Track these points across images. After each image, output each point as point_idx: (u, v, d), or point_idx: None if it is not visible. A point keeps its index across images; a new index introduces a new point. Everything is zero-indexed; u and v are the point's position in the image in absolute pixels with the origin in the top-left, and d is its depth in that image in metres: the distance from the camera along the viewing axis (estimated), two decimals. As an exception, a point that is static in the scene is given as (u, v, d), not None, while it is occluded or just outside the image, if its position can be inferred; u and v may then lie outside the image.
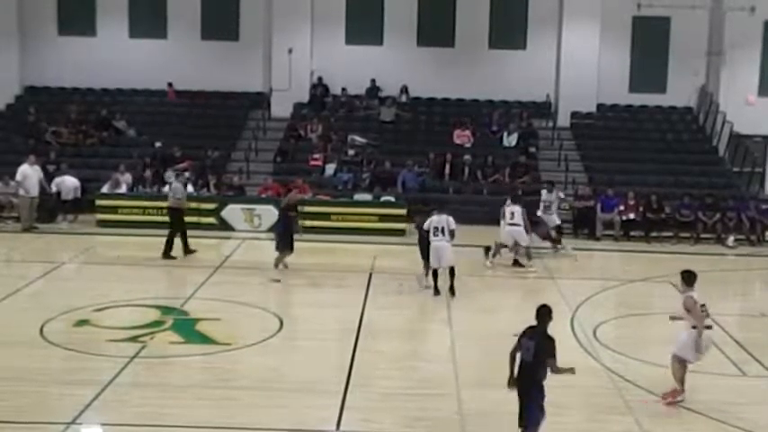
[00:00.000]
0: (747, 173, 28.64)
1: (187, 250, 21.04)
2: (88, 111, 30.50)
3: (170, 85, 32.06)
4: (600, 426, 11.50)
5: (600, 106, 32.08)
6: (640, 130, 31.37)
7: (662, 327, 16.84)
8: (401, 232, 24.05)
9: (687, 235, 25.11)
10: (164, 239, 20.68)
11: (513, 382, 10.05)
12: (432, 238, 17.65)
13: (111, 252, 22.49)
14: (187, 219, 21.25)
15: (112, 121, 30.01)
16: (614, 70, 31.93)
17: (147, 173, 26.57)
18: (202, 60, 32.04)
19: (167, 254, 20.66)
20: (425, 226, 17.85)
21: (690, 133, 31.54)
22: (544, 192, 23.20)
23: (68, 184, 25.30)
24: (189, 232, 21.12)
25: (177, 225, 20.98)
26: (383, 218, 24.60)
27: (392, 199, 25.75)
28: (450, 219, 17.86)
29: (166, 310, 16.14)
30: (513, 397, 10.09)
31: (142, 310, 16.07)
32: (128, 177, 25.89)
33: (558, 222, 23.09)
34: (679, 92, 32.30)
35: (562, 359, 14.15)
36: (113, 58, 31.81)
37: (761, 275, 21.80)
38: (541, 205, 22.86)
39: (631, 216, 25.29)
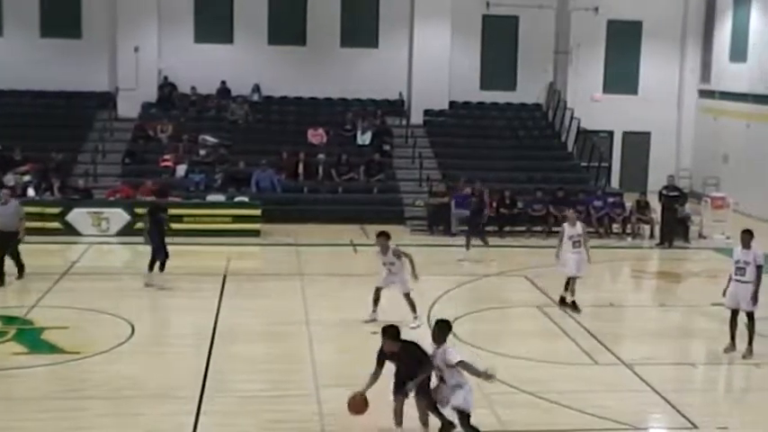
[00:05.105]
0: (595, 167, 29.41)
1: None
2: None
3: None
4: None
5: (452, 104, 32.36)
6: (492, 127, 31.84)
7: (517, 320, 17.21)
8: (255, 233, 23.71)
9: (539, 229, 25.61)
10: None
11: None
12: None
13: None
14: (30, 224, 20.25)
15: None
16: (465, 68, 32.30)
17: (-15, 177, 25.35)
18: (42, 59, 30.62)
19: None
20: None
21: (540, 129, 32.21)
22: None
23: None
24: (31, 238, 20.14)
25: None
26: (237, 219, 24.19)
27: (246, 199, 25.37)
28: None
29: (8, 319, 15.48)
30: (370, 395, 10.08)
31: (-19, 320, 15.32)
32: (-38, 182, 24.66)
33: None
34: (528, 89, 32.97)
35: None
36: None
37: (609, 267, 22.39)
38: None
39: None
